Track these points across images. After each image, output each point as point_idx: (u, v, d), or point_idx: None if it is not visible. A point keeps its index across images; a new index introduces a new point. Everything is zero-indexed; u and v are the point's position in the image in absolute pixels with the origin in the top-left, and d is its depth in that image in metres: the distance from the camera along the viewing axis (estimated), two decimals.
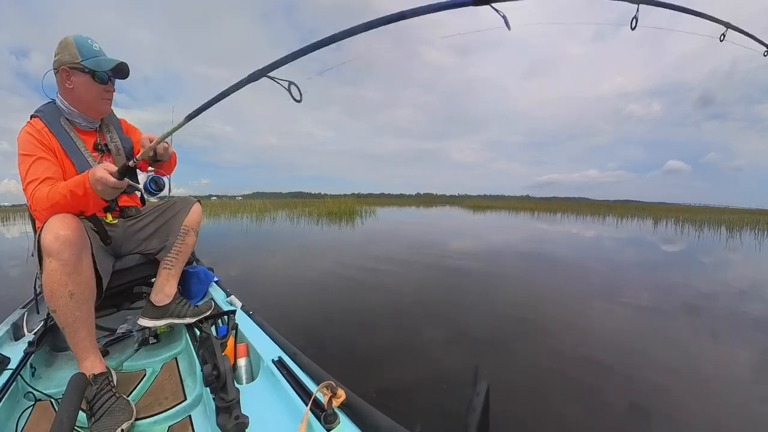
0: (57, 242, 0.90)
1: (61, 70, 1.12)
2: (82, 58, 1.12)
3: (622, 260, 5.05)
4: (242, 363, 1.04)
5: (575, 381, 1.70)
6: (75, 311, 0.94)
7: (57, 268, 0.90)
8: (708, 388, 1.69)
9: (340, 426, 0.70)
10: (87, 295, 0.97)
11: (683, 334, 2.32)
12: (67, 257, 0.91)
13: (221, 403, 0.72)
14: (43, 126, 1.13)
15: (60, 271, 0.91)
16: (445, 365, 1.83)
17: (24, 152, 1.08)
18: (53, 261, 0.90)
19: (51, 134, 1.13)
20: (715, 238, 8.71)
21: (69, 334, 0.95)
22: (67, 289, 0.92)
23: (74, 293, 0.93)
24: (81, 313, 0.95)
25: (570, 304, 2.97)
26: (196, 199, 1.38)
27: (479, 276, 3.94)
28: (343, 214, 13.25)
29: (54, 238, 0.90)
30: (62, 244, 0.91)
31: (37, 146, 1.09)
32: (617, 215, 16.59)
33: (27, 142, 1.09)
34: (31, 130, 1.11)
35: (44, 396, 0.97)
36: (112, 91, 1.22)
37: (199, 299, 1.48)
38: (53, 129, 1.14)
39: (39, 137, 1.10)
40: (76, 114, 1.20)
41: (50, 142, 1.12)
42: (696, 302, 3.02)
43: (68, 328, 0.94)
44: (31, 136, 1.10)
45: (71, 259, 0.92)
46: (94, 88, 1.16)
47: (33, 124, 1.13)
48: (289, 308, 2.75)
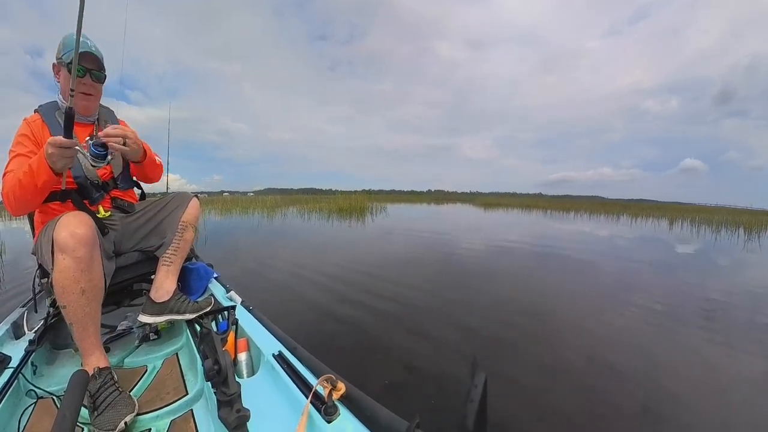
0: (73, 240, 0.94)
1: (53, 66, 1.24)
2: (63, 53, 1.19)
3: (635, 262, 5.02)
4: (243, 357, 1.07)
5: (582, 382, 1.71)
6: (85, 307, 0.98)
7: (71, 265, 0.94)
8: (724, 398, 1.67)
9: (340, 418, 0.72)
10: (97, 292, 1.01)
11: (697, 339, 2.30)
12: (81, 255, 0.95)
13: (223, 397, 0.75)
14: (38, 119, 1.22)
15: (74, 268, 0.94)
16: (447, 359, 1.86)
17: (11, 148, 1.17)
18: (67, 258, 0.94)
19: (45, 126, 1.22)
20: (733, 240, 8.62)
21: (77, 330, 0.98)
22: (79, 286, 0.96)
23: (85, 290, 0.97)
24: (90, 309, 0.99)
25: (581, 304, 2.97)
26: (193, 194, 1.42)
27: (487, 274, 3.94)
28: (354, 211, 13.35)
29: (69, 236, 0.94)
30: (77, 242, 0.95)
31: (22, 143, 1.17)
32: (631, 215, 16.43)
33: (15, 139, 1.18)
34: (25, 127, 1.20)
35: (46, 394, 1.00)
36: (89, 85, 1.26)
37: (199, 295, 1.51)
38: (47, 121, 1.23)
39: (31, 130, 1.19)
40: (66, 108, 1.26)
41: (42, 135, 1.20)
42: (712, 306, 2.99)
43: (77, 324, 0.98)
44: (20, 133, 1.19)
45: (85, 256, 0.96)
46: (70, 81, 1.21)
47: (30, 119, 1.23)
48: (294, 303, 2.81)
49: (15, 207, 1.08)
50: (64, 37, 1.20)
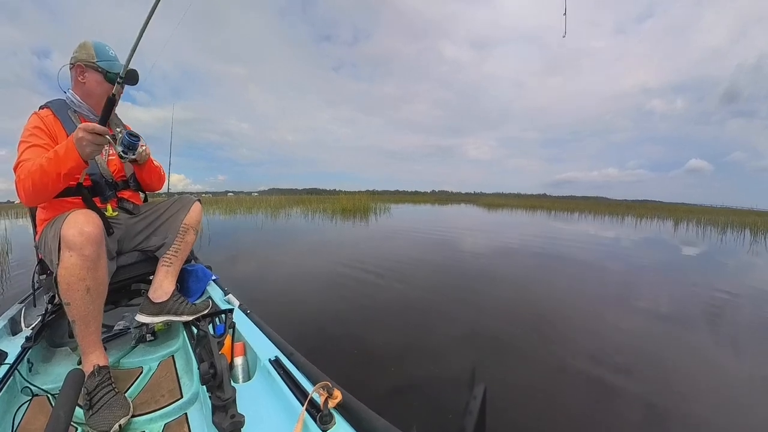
0: (81, 237, 0.94)
1: (77, 65, 1.26)
2: (97, 59, 1.26)
3: (640, 263, 4.99)
4: (239, 362, 1.06)
5: (589, 387, 1.70)
6: (89, 305, 0.98)
7: (77, 262, 0.94)
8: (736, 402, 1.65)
9: (335, 427, 0.71)
10: (101, 290, 1.02)
11: (707, 343, 2.29)
12: (88, 253, 0.95)
13: (217, 401, 0.75)
14: (50, 113, 1.22)
15: (80, 266, 0.95)
16: (449, 367, 1.85)
17: (23, 139, 1.14)
18: (74, 255, 0.94)
19: (58, 121, 1.22)
20: (739, 241, 8.59)
21: (80, 327, 0.99)
22: (85, 284, 0.96)
23: (90, 288, 0.98)
24: (94, 307, 1.00)
25: (586, 307, 2.95)
26: (196, 198, 1.45)
27: (490, 276, 3.93)
28: (357, 211, 13.46)
29: (78, 233, 0.94)
30: (86, 240, 0.95)
31: (36, 135, 1.15)
32: (636, 215, 16.37)
33: (27, 131, 1.16)
34: (37, 119, 1.19)
35: (41, 391, 1.01)
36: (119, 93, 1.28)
37: (197, 297, 1.51)
38: (60, 117, 1.23)
39: (45, 124, 1.18)
40: (85, 107, 1.30)
41: (55, 129, 1.20)
42: (719, 309, 2.97)
43: (80, 321, 0.99)
44: (33, 125, 1.17)
45: (92, 255, 0.96)
46: (105, 86, 1.27)
47: (41, 113, 1.21)
48: (294, 305, 2.80)
49: (31, 195, 1.05)
50: (92, 42, 1.28)
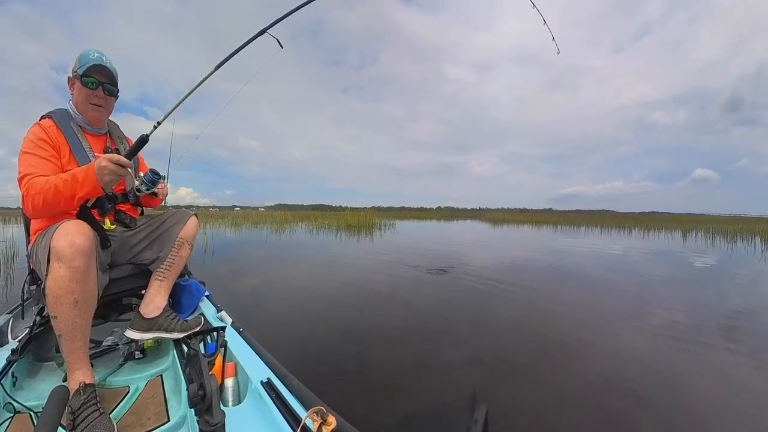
0: (71, 249, 0.92)
1: (69, 79, 1.28)
2: (78, 66, 1.24)
3: (650, 276, 4.92)
4: (230, 383, 1.03)
5: (599, 408, 1.64)
6: (76, 319, 0.96)
7: (66, 274, 0.92)
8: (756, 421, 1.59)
9: None
10: (90, 303, 1.00)
11: (723, 358, 2.21)
12: (78, 265, 0.93)
13: (205, 426, 0.72)
14: (53, 124, 1.22)
15: (69, 278, 0.93)
16: (449, 391, 1.78)
17: (27, 150, 1.14)
18: (63, 267, 0.92)
19: (60, 132, 1.22)
20: (750, 250, 8.57)
21: (66, 341, 0.96)
22: (73, 297, 0.94)
23: (79, 301, 0.95)
24: (81, 321, 0.97)
25: (595, 322, 2.89)
26: (192, 212, 1.45)
27: (493, 295, 3.87)
28: (362, 227, 13.62)
29: (68, 245, 0.93)
30: (76, 252, 0.93)
31: (41, 147, 1.15)
32: (644, 228, 16.29)
33: (31, 142, 1.15)
34: (38, 130, 1.18)
35: (24, 408, 0.98)
36: (100, 97, 1.30)
37: (189, 313, 1.48)
38: (62, 128, 1.24)
39: (47, 135, 1.18)
40: (80, 119, 1.31)
41: (58, 140, 1.20)
42: (734, 322, 2.89)
43: (67, 335, 0.96)
44: (36, 136, 1.17)
45: (82, 267, 0.94)
46: (84, 93, 1.26)
47: (43, 123, 1.22)
48: (291, 324, 2.75)
49: (40, 210, 1.05)
50: (81, 53, 1.27)
